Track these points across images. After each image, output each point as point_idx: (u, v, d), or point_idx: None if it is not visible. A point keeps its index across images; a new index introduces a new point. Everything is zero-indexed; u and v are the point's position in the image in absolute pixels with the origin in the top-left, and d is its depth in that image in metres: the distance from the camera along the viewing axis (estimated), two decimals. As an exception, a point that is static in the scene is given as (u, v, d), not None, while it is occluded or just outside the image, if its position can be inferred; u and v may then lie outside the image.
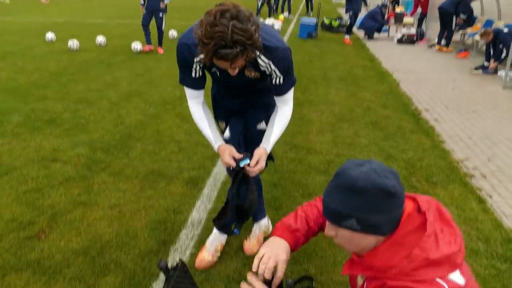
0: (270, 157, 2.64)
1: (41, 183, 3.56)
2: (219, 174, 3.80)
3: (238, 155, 2.10)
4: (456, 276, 1.14)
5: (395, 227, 1.18)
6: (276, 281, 1.54)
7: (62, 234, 2.91)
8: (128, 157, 4.08)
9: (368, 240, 1.20)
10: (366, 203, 1.13)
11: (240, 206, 2.14)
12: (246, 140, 2.37)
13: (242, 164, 2.04)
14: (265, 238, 2.84)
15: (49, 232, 2.94)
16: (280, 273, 1.52)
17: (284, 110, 2.23)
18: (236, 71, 1.84)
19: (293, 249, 1.63)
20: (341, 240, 1.27)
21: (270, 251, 1.53)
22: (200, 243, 2.81)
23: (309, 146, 4.45)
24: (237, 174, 2.09)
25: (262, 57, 1.95)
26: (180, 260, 1.85)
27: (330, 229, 1.28)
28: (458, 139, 4.92)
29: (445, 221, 1.22)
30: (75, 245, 2.80)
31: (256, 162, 2.08)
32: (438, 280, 1.11)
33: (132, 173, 3.76)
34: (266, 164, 2.68)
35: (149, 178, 3.68)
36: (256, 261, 1.53)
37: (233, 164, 2.09)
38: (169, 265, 1.72)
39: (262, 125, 2.36)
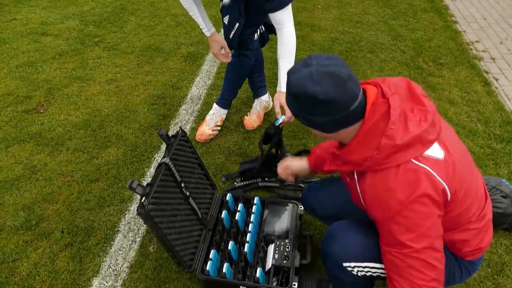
0: (271, 31, 2.48)
1: (33, 57, 3.43)
2: (218, 50, 3.64)
3: (228, 50, 2.21)
4: (434, 151, 1.14)
5: (345, 126, 1.17)
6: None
7: (60, 108, 2.89)
8: (122, 31, 3.88)
9: (322, 134, 1.24)
10: (302, 106, 1.16)
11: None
12: (247, 10, 2.19)
13: (278, 123, 1.98)
14: (266, 114, 2.84)
15: (47, 106, 2.91)
16: None
17: (284, 32, 2.04)
18: None
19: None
20: None
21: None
22: (200, 118, 2.81)
23: (313, 23, 4.21)
24: (273, 136, 2.03)
25: None
26: (180, 128, 1.84)
27: None
28: (472, 20, 4.63)
29: (416, 99, 1.18)
30: (74, 118, 2.80)
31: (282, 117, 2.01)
32: (413, 160, 1.11)
33: (127, 48, 3.61)
34: (268, 39, 2.54)
35: (146, 53, 3.54)
36: None
37: (220, 58, 2.31)
38: (169, 133, 1.71)
39: None
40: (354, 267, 1.37)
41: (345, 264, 1.36)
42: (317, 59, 1.13)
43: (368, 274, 1.38)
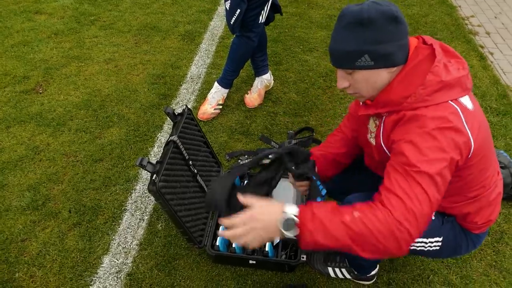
0: (278, 10, 2.46)
1: (28, 36, 3.37)
2: (216, 28, 3.61)
3: None
4: (466, 100, 1.16)
5: (406, 57, 1.16)
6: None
7: (59, 89, 2.86)
8: (117, 10, 3.81)
9: (383, 76, 1.17)
10: (375, 33, 1.10)
11: None
12: None
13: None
14: (267, 92, 2.85)
15: (46, 86, 2.88)
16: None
17: None
18: None
19: None
20: (357, 86, 1.21)
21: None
22: (201, 97, 2.81)
23: (310, 0, 4.17)
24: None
25: None
26: (186, 106, 1.85)
27: (343, 80, 1.22)
28: (467, -6, 4.63)
29: (451, 54, 1.21)
30: (75, 99, 2.78)
31: None
32: (450, 102, 1.12)
33: (124, 27, 3.56)
34: (273, 18, 2.51)
35: (143, 32, 3.50)
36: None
37: None
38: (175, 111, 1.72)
39: None
40: None
41: None
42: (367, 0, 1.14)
43: None
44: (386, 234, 1.03)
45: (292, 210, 1.11)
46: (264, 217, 1.12)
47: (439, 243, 1.40)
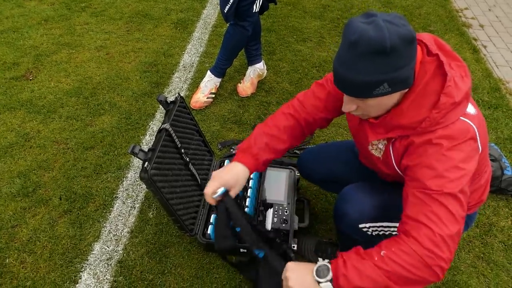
0: (273, 0, 2.45)
1: (17, 23, 3.31)
2: (209, 16, 3.58)
3: None
4: (470, 108, 1.13)
5: (414, 72, 1.10)
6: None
7: (50, 75, 2.83)
8: (109, -4, 3.76)
9: (395, 98, 1.12)
10: (397, 59, 1.01)
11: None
12: None
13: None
14: (260, 82, 2.84)
15: (36, 73, 2.84)
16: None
17: None
18: None
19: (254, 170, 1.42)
20: (367, 109, 1.16)
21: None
22: (193, 85, 2.79)
23: (304, -10, 4.15)
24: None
25: None
26: (179, 94, 1.84)
27: (351, 104, 1.15)
28: (461, -14, 4.63)
29: (449, 54, 1.15)
30: (65, 86, 2.75)
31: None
32: (462, 118, 1.10)
33: (115, 14, 3.51)
34: (268, 7, 2.49)
35: (135, 20, 3.45)
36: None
37: None
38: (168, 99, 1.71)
39: None
40: (369, 227, 1.38)
41: (361, 226, 1.38)
42: (370, 15, 1.04)
43: (381, 233, 1.40)
44: (418, 265, 1.04)
45: (323, 261, 1.16)
46: (298, 274, 1.17)
47: None
